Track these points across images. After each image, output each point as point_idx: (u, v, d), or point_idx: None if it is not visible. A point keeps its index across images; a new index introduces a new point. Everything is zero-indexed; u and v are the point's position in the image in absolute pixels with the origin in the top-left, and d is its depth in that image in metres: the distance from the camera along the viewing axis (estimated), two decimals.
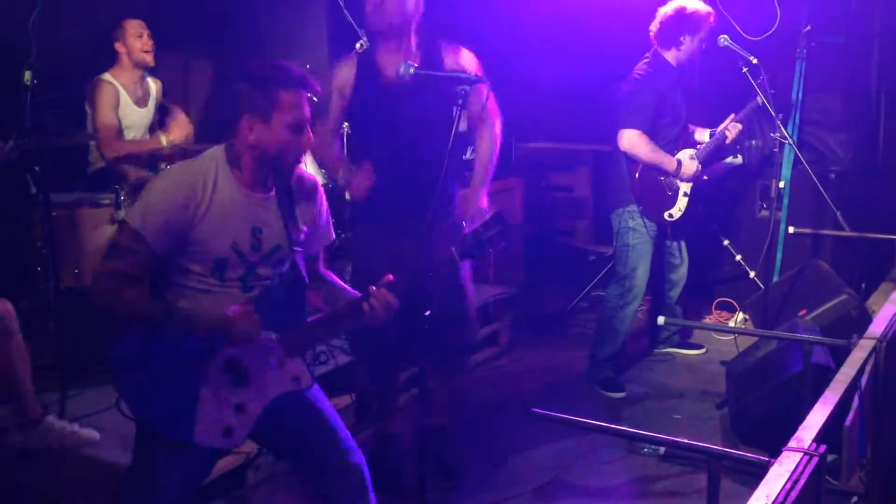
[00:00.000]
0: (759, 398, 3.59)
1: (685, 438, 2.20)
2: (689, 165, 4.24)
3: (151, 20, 4.44)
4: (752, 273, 5.00)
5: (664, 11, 4.24)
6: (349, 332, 3.51)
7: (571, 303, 5.58)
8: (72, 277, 3.75)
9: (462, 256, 2.53)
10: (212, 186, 2.31)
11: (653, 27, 4.25)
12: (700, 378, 4.58)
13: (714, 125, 4.38)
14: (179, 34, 4.83)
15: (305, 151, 2.41)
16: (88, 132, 4.27)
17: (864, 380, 2.03)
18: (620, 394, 4.35)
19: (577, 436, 3.76)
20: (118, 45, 4.35)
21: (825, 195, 4.54)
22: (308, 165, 4.10)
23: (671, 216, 4.30)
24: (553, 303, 5.72)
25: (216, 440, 2.30)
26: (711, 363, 4.74)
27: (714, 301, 5.44)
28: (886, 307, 2.55)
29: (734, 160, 4.90)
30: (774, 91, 4.27)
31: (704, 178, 4.31)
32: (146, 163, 4.22)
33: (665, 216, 4.29)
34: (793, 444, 1.64)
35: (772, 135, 4.44)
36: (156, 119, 4.61)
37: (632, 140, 4.13)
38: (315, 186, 2.55)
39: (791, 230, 4.86)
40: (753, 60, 4.20)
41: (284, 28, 5.42)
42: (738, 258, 5.14)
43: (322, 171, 4.27)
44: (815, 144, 5.24)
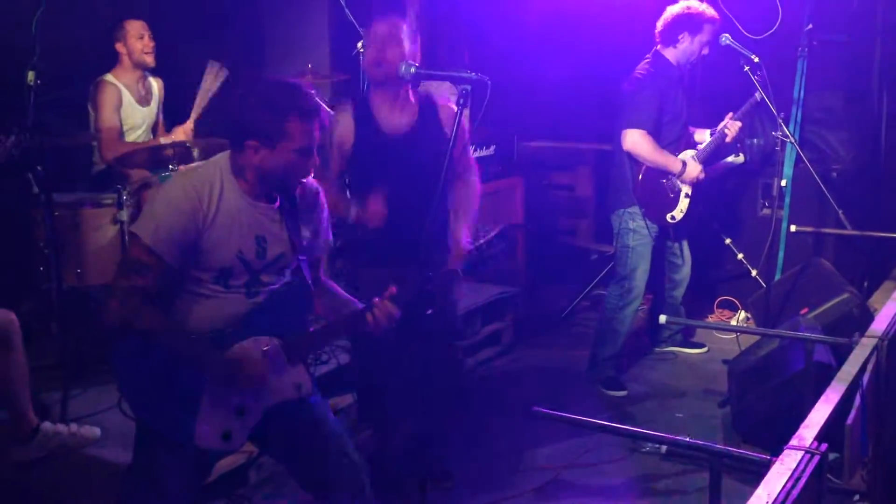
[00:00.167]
0: (761, 397, 3.59)
1: (687, 437, 2.20)
2: (693, 167, 4.24)
3: (152, 20, 4.44)
4: (754, 272, 5.00)
5: (671, 9, 4.24)
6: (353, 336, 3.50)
7: (572, 303, 5.57)
8: (74, 277, 3.76)
9: (465, 271, 2.54)
10: (217, 195, 2.31)
11: (658, 24, 4.26)
12: (702, 377, 4.59)
13: (715, 125, 4.38)
14: (180, 34, 4.84)
15: (311, 172, 2.39)
16: (91, 132, 4.28)
17: (866, 378, 2.03)
18: (622, 393, 4.36)
19: (579, 435, 3.76)
20: (119, 46, 4.36)
21: (827, 194, 4.54)
22: None
23: (673, 218, 4.30)
24: (554, 302, 5.72)
25: (215, 444, 2.30)
26: (713, 362, 4.74)
27: (716, 300, 5.44)
28: (888, 305, 2.55)
29: (736, 159, 4.89)
30: (774, 89, 4.27)
31: (702, 177, 4.30)
32: (150, 164, 4.22)
33: (667, 218, 4.29)
34: (794, 443, 1.64)
35: (773, 133, 4.44)
36: (160, 118, 4.63)
37: (635, 140, 4.12)
38: (318, 193, 2.55)
39: (793, 229, 4.86)
40: (755, 59, 4.20)
41: (286, 27, 5.42)
42: (740, 257, 5.14)
43: None
44: (817, 143, 5.24)
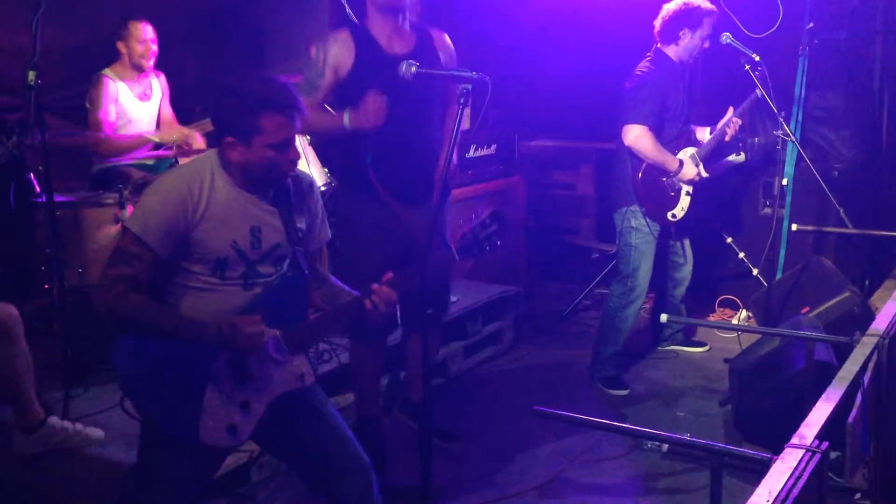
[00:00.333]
0: (762, 395, 3.59)
1: (688, 436, 2.21)
2: (690, 166, 4.24)
3: (152, 19, 4.45)
4: (755, 270, 5.00)
5: (668, 7, 4.25)
6: (350, 328, 3.49)
7: (573, 302, 5.57)
8: (76, 277, 3.76)
9: (461, 255, 2.53)
10: (209, 188, 2.32)
11: (656, 23, 4.26)
12: (703, 375, 4.58)
13: (716, 123, 4.38)
14: (180, 32, 4.84)
15: (294, 166, 2.39)
16: (93, 132, 4.28)
17: (867, 377, 2.04)
18: (623, 391, 4.35)
19: (580, 433, 3.76)
20: (120, 45, 4.37)
21: (828, 192, 4.53)
22: (311, 164, 4.10)
23: (674, 216, 4.30)
24: (556, 301, 5.72)
25: (220, 438, 2.30)
26: (714, 361, 4.74)
27: (717, 298, 5.44)
28: (889, 304, 2.56)
29: (737, 158, 4.89)
30: (775, 87, 4.27)
31: (705, 176, 4.31)
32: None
33: (668, 216, 4.29)
34: (795, 441, 1.64)
35: (774, 132, 4.44)
36: (170, 113, 4.64)
37: (636, 136, 4.12)
38: (311, 184, 2.57)
39: (794, 227, 4.86)
40: (756, 57, 4.19)
41: (286, 26, 5.42)
42: (741, 256, 5.14)
43: (325, 171, 4.27)
44: (818, 141, 5.23)
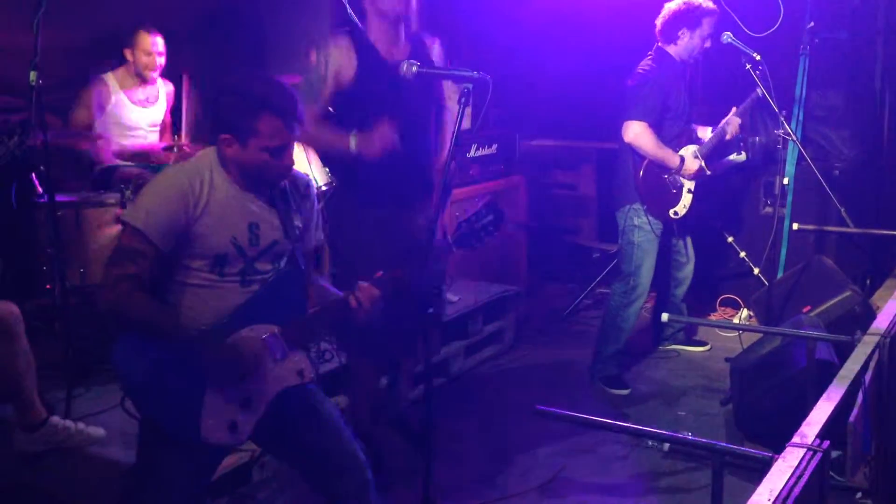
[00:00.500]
0: (764, 394, 3.59)
1: (689, 434, 2.20)
2: (692, 162, 4.24)
3: (153, 19, 4.45)
4: (757, 270, 5.00)
5: (668, 6, 4.25)
6: (341, 327, 3.47)
7: (574, 302, 5.58)
8: (77, 277, 3.77)
9: (458, 246, 2.53)
10: (208, 184, 2.34)
11: (657, 21, 4.27)
12: (704, 375, 4.59)
13: (717, 122, 4.38)
14: (181, 32, 4.84)
15: (288, 172, 2.41)
16: (95, 132, 4.29)
17: (869, 376, 2.04)
18: (625, 391, 4.35)
19: (582, 433, 3.76)
20: (127, 51, 4.38)
21: (829, 191, 4.53)
22: (312, 164, 4.09)
23: (676, 214, 4.30)
24: (557, 301, 5.73)
25: (221, 436, 2.30)
26: (716, 360, 4.74)
27: (718, 298, 5.44)
28: (891, 303, 2.56)
29: (738, 157, 4.89)
30: (776, 87, 4.26)
31: (708, 174, 4.31)
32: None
33: (670, 214, 4.29)
34: (797, 440, 1.64)
35: (775, 131, 4.44)
36: (169, 120, 4.64)
37: (636, 132, 4.12)
38: (308, 185, 2.58)
39: (795, 227, 4.85)
40: (756, 57, 4.19)
41: (287, 26, 5.41)
42: (743, 255, 5.13)
43: (326, 170, 4.26)
44: (819, 141, 5.23)
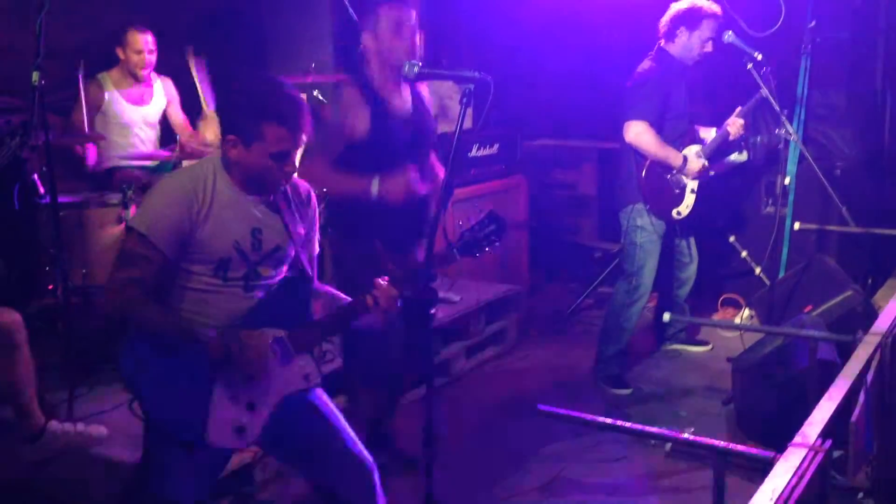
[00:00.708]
0: (765, 394, 3.60)
1: (691, 433, 2.21)
2: (695, 162, 4.24)
3: (153, 20, 4.45)
4: (758, 269, 5.00)
5: (674, 6, 4.26)
6: (350, 334, 3.46)
7: (576, 302, 5.58)
8: (79, 277, 3.77)
9: (461, 254, 2.55)
10: (211, 189, 2.34)
11: (662, 19, 4.27)
12: (706, 374, 4.59)
13: (719, 122, 4.38)
14: (182, 32, 4.84)
15: (290, 178, 2.41)
16: (97, 133, 4.29)
17: (870, 375, 2.04)
18: (626, 390, 4.36)
19: (583, 433, 3.77)
20: (119, 50, 4.42)
21: (830, 191, 4.53)
22: None
23: (679, 214, 4.30)
24: (558, 300, 5.73)
25: (228, 439, 2.31)
26: (717, 360, 4.73)
27: (720, 297, 5.43)
28: (892, 303, 2.55)
29: (739, 157, 4.89)
30: (778, 86, 4.26)
31: (711, 174, 4.31)
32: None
33: (673, 214, 4.29)
34: (798, 440, 1.64)
35: (777, 131, 4.43)
36: (175, 120, 4.65)
37: (638, 132, 4.12)
38: (309, 193, 2.60)
39: (797, 226, 4.85)
40: (758, 56, 4.19)
41: (288, 26, 5.41)
42: (744, 255, 5.13)
43: None
44: (821, 140, 5.23)
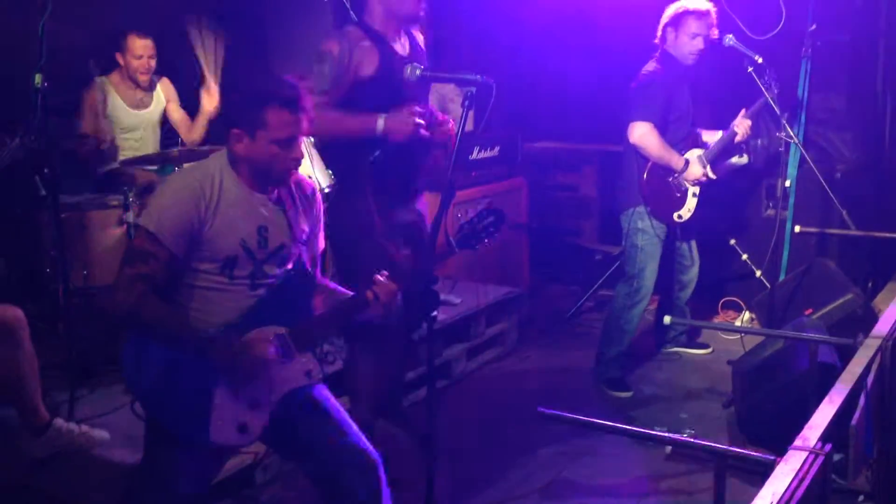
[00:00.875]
0: (766, 397, 3.59)
1: (691, 435, 2.21)
2: (697, 166, 4.24)
3: (154, 20, 4.46)
4: (759, 272, 4.99)
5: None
6: (354, 324, 3.47)
7: (576, 304, 5.58)
8: (81, 278, 3.79)
9: (459, 247, 2.56)
10: (218, 186, 2.37)
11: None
12: (706, 377, 4.58)
13: (720, 125, 4.38)
14: (182, 34, 4.85)
15: (297, 165, 2.44)
16: (98, 135, 4.30)
17: (871, 379, 2.04)
18: (627, 393, 4.36)
19: (583, 435, 3.76)
20: (119, 55, 4.43)
21: (831, 194, 4.53)
22: (315, 165, 4.09)
23: (680, 217, 4.30)
24: (559, 303, 5.73)
25: (231, 437, 2.32)
26: (718, 362, 4.73)
27: (720, 300, 5.43)
28: (893, 306, 2.55)
29: (740, 160, 4.89)
30: (779, 90, 4.27)
31: (713, 178, 4.30)
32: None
33: (674, 217, 4.29)
34: (799, 443, 1.64)
35: (777, 134, 4.44)
36: (176, 118, 4.66)
37: (642, 133, 4.12)
38: (314, 191, 2.62)
39: (797, 229, 4.85)
40: (759, 60, 4.19)
41: (289, 27, 5.42)
42: (745, 258, 5.13)
43: (329, 172, 4.26)
44: (821, 143, 5.23)
